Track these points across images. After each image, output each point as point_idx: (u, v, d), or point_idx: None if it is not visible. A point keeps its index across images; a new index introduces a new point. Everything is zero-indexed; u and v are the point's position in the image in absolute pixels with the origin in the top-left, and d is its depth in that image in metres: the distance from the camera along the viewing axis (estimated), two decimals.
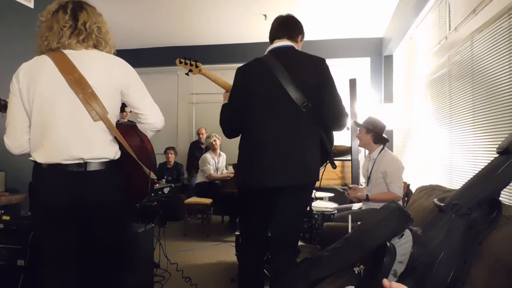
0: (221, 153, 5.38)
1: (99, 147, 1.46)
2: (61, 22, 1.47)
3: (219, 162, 5.31)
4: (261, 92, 1.81)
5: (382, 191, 2.85)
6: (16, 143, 1.48)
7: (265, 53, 1.93)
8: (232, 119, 1.92)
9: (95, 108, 1.43)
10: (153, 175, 1.60)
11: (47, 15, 1.51)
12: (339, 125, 1.91)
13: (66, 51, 1.47)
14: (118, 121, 1.57)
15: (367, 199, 2.84)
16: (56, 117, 1.42)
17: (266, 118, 1.80)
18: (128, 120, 1.66)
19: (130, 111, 1.67)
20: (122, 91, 1.52)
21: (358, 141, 3.13)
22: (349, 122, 2.14)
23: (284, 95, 1.77)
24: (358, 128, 3.12)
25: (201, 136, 5.84)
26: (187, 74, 2.29)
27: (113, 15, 1.40)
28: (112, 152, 1.51)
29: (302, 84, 1.79)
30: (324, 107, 1.83)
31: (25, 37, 2.86)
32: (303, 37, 2.01)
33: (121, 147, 1.53)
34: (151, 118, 1.58)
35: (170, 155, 5.75)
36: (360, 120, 3.18)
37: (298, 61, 1.86)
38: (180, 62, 2.26)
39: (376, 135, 2.94)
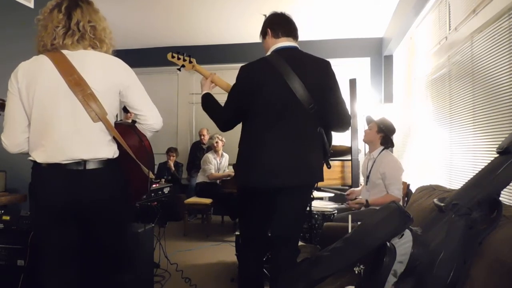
0: (224, 153, 5.38)
1: (98, 147, 1.46)
2: (54, 21, 1.46)
3: (221, 163, 5.31)
4: (268, 92, 1.80)
5: (381, 192, 2.85)
6: (14, 142, 1.48)
7: (269, 52, 1.91)
8: (230, 115, 1.90)
9: (95, 109, 1.43)
10: (151, 175, 1.60)
11: (44, 13, 1.50)
12: (343, 127, 1.94)
13: (64, 51, 1.46)
14: (120, 120, 1.57)
15: (367, 204, 2.84)
16: (56, 117, 1.42)
17: (272, 118, 1.79)
18: (132, 120, 1.66)
19: None
20: (121, 92, 1.52)
21: (364, 136, 3.07)
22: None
23: (291, 95, 1.77)
24: (368, 123, 3.09)
25: (202, 137, 5.83)
26: (179, 69, 2.17)
27: (112, 15, 1.39)
28: (110, 151, 1.51)
29: (309, 85, 1.79)
30: (329, 109, 1.84)
31: (25, 37, 2.84)
32: None
33: (120, 147, 1.54)
34: (150, 119, 1.59)
35: (172, 157, 5.75)
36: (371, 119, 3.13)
37: (304, 62, 1.86)
38: (172, 57, 2.15)
39: (385, 137, 2.93)
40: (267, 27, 1.95)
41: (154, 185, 3.44)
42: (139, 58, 5.96)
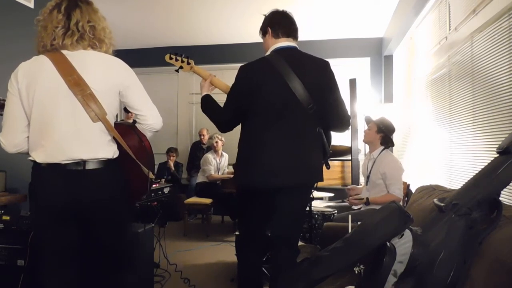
0: (223, 153, 5.38)
1: (98, 147, 1.47)
2: (54, 22, 1.46)
3: (221, 163, 5.31)
4: (267, 91, 1.79)
5: (381, 192, 2.85)
6: (12, 142, 1.47)
7: (269, 52, 1.91)
8: (230, 116, 1.89)
9: (94, 109, 1.43)
10: (151, 175, 1.60)
11: (43, 14, 1.50)
12: (343, 127, 1.94)
13: (64, 52, 1.46)
14: (121, 120, 1.57)
15: (367, 202, 2.84)
16: (56, 117, 1.42)
17: (272, 118, 1.79)
18: (133, 120, 1.66)
19: None
20: (121, 92, 1.52)
21: (364, 136, 3.07)
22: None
23: (291, 95, 1.77)
24: (367, 124, 3.09)
25: (202, 137, 5.84)
26: (177, 71, 2.16)
27: (112, 15, 1.39)
28: (110, 151, 1.51)
29: (308, 85, 1.79)
30: (328, 109, 1.85)
31: (25, 37, 2.84)
32: None
33: (120, 147, 1.54)
34: (150, 119, 1.59)
35: (172, 157, 5.75)
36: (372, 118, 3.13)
37: (303, 62, 1.86)
38: (171, 58, 2.14)
39: (385, 137, 2.93)
40: (268, 26, 1.94)
41: (154, 185, 3.45)
42: (139, 58, 5.95)
